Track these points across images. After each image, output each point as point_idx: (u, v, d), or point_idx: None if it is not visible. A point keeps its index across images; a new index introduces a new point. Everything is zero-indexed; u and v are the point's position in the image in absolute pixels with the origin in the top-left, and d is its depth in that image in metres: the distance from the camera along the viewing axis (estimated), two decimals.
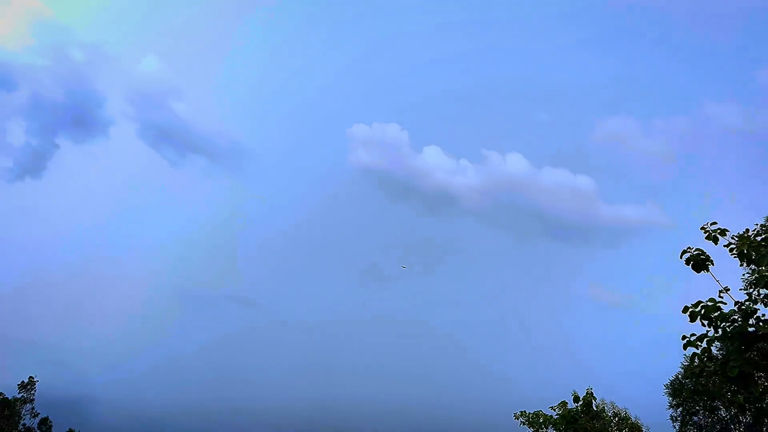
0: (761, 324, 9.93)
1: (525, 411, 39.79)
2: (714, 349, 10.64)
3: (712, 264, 10.64)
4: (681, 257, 10.66)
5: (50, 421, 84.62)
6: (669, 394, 35.05)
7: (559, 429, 37.49)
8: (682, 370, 33.73)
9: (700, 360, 10.62)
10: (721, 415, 33.60)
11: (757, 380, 10.24)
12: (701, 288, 10.36)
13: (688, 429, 34.63)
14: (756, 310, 9.99)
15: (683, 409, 34.57)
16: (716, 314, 10.07)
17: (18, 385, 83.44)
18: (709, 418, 33.91)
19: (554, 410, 39.69)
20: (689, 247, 10.70)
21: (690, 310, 10.23)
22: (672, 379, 35.08)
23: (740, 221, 11.00)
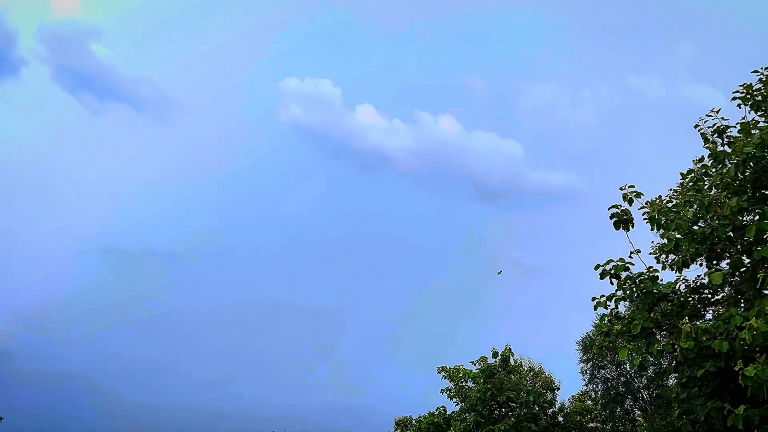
0: (663, 286, 10.48)
1: (446, 366, 41.22)
2: (622, 308, 11.17)
3: (632, 225, 11.08)
4: (608, 210, 10.99)
5: None
6: (580, 350, 37.10)
7: (478, 382, 39.14)
8: (593, 328, 35.71)
9: (609, 319, 11.18)
10: (625, 369, 35.99)
11: (658, 338, 10.87)
12: (616, 254, 10.85)
13: (595, 382, 36.95)
14: (657, 277, 10.52)
15: (592, 364, 36.75)
16: (625, 275, 10.55)
17: None
18: (615, 372, 36.24)
19: (474, 365, 41.34)
20: (617, 205, 11.06)
21: (601, 267, 10.70)
22: (583, 336, 37.11)
23: (659, 190, 11.48)
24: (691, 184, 11.29)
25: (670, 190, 11.87)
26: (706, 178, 11.24)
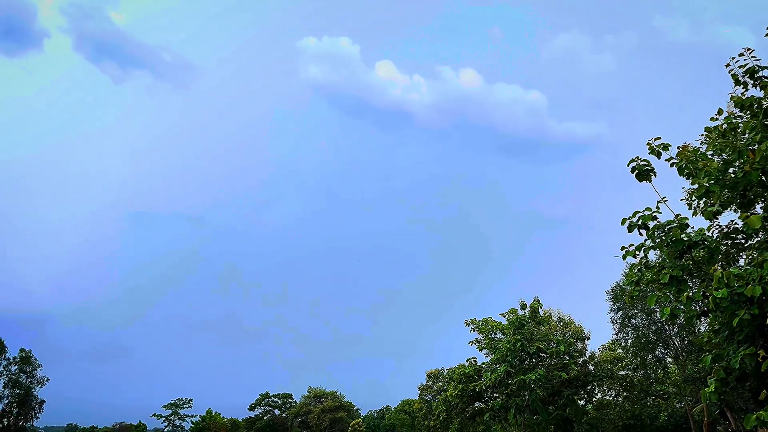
0: (694, 234, 10.33)
1: (475, 318, 41.68)
2: (652, 256, 11.07)
3: (655, 175, 10.92)
4: (628, 165, 10.85)
5: (3, 342, 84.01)
6: (609, 299, 37.06)
7: (508, 334, 39.54)
8: (623, 278, 35.59)
9: (638, 269, 11.11)
10: (656, 317, 35.96)
11: (690, 286, 10.79)
12: (644, 203, 10.70)
13: (626, 331, 37.03)
14: (687, 224, 10.35)
15: (622, 314, 36.74)
16: (653, 224, 10.41)
17: None
18: (646, 320, 36.20)
19: (504, 317, 41.70)
20: (637, 157, 10.90)
21: (627, 221, 10.56)
22: (613, 286, 37.02)
23: (686, 136, 11.21)
24: (721, 129, 10.94)
25: (701, 135, 11.55)
26: (737, 122, 10.90)
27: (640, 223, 10.35)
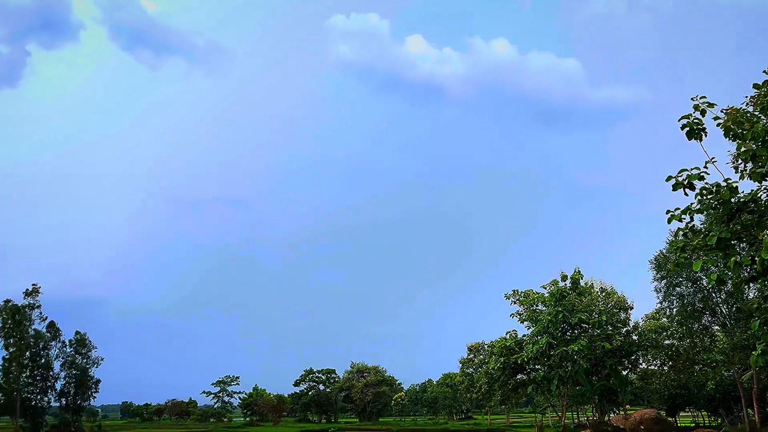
0: (744, 196, 10.11)
1: (516, 290, 41.63)
2: (697, 221, 10.85)
3: (705, 135, 10.54)
4: (678, 121, 10.50)
5: (57, 325, 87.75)
6: (653, 268, 36.43)
7: (549, 305, 39.40)
8: (667, 246, 34.90)
9: (684, 234, 10.90)
10: (703, 285, 35.22)
11: (737, 251, 10.58)
12: (686, 167, 10.40)
13: (670, 299, 36.42)
14: (737, 187, 10.11)
15: (666, 282, 36.10)
16: (700, 185, 10.18)
17: (23, 292, 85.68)
18: (691, 288, 35.51)
19: (545, 288, 41.50)
20: (688, 114, 10.50)
21: (673, 179, 10.25)
22: (656, 254, 36.36)
23: (731, 100, 10.88)
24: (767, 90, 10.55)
25: (746, 97, 11.17)
26: None
27: (686, 182, 10.04)
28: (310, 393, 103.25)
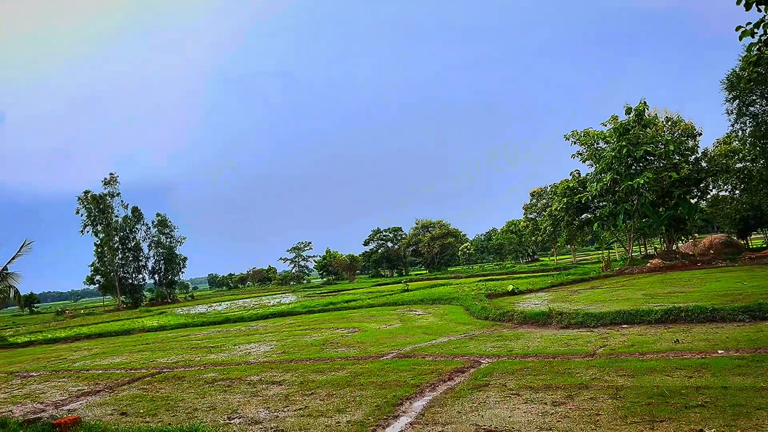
0: None
1: (576, 130, 40.52)
2: None
3: None
4: None
5: (140, 210, 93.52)
6: (726, 88, 34.25)
7: (611, 141, 38.33)
8: (740, 62, 32.43)
9: (758, 47, 10.10)
10: None
11: None
12: None
13: (743, 120, 34.51)
14: None
15: (739, 102, 34.04)
16: None
17: (102, 181, 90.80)
18: (766, 105, 33.41)
19: (605, 125, 40.15)
20: None
21: None
22: (728, 73, 33.96)
23: None
24: None
25: None
26: None
27: None
28: (379, 251, 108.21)
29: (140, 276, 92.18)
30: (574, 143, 41.10)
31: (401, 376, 9.91)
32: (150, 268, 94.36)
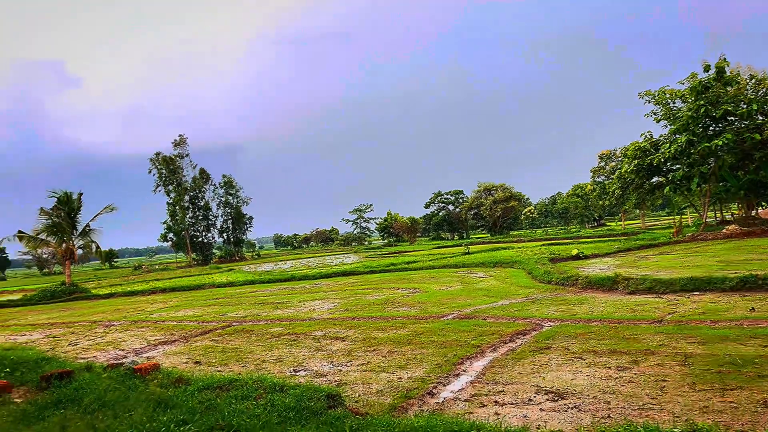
0: None
1: (650, 89, 38.52)
2: None
3: None
4: None
5: (207, 171, 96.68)
6: None
7: (688, 100, 36.28)
8: None
9: None
10: None
11: None
12: None
13: None
14: None
15: None
16: None
17: (172, 143, 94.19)
18: None
19: (683, 83, 37.98)
20: None
21: None
22: None
23: None
24: None
25: None
26: None
27: None
28: (440, 213, 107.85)
29: (209, 234, 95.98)
30: (649, 102, 39.19)
31: (462, 337, 9.99)
32: (219, 227, 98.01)
